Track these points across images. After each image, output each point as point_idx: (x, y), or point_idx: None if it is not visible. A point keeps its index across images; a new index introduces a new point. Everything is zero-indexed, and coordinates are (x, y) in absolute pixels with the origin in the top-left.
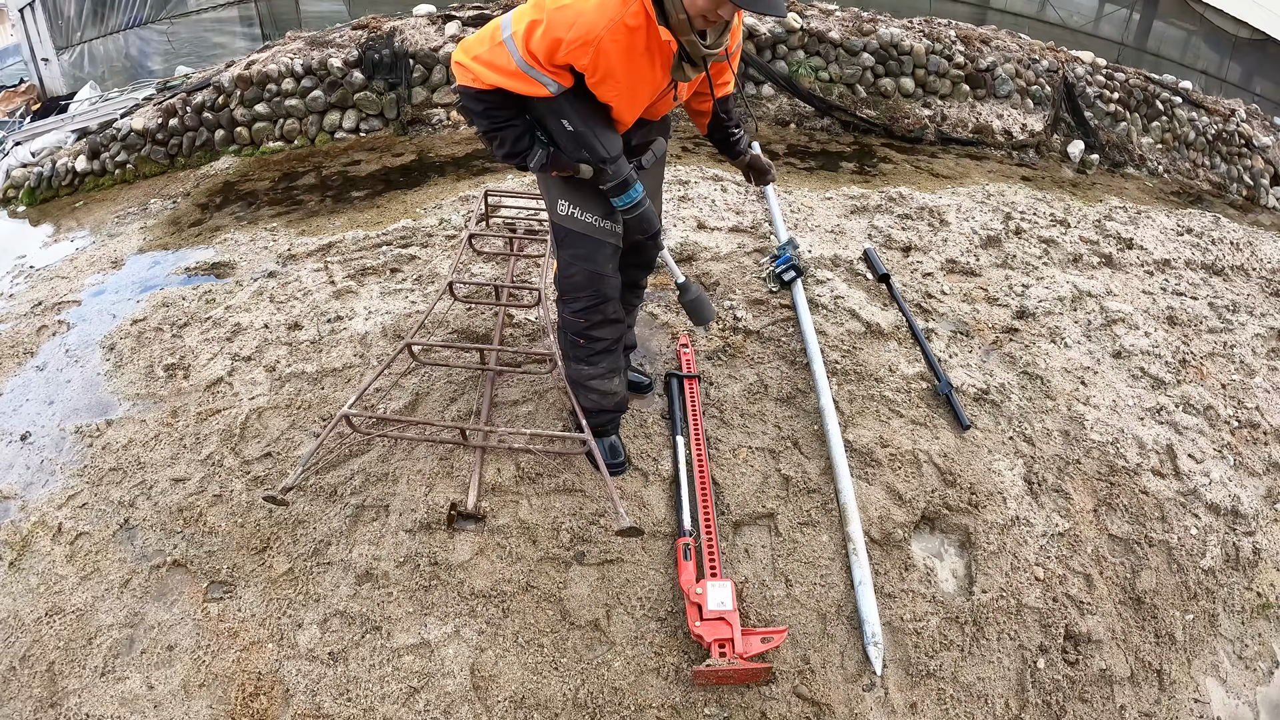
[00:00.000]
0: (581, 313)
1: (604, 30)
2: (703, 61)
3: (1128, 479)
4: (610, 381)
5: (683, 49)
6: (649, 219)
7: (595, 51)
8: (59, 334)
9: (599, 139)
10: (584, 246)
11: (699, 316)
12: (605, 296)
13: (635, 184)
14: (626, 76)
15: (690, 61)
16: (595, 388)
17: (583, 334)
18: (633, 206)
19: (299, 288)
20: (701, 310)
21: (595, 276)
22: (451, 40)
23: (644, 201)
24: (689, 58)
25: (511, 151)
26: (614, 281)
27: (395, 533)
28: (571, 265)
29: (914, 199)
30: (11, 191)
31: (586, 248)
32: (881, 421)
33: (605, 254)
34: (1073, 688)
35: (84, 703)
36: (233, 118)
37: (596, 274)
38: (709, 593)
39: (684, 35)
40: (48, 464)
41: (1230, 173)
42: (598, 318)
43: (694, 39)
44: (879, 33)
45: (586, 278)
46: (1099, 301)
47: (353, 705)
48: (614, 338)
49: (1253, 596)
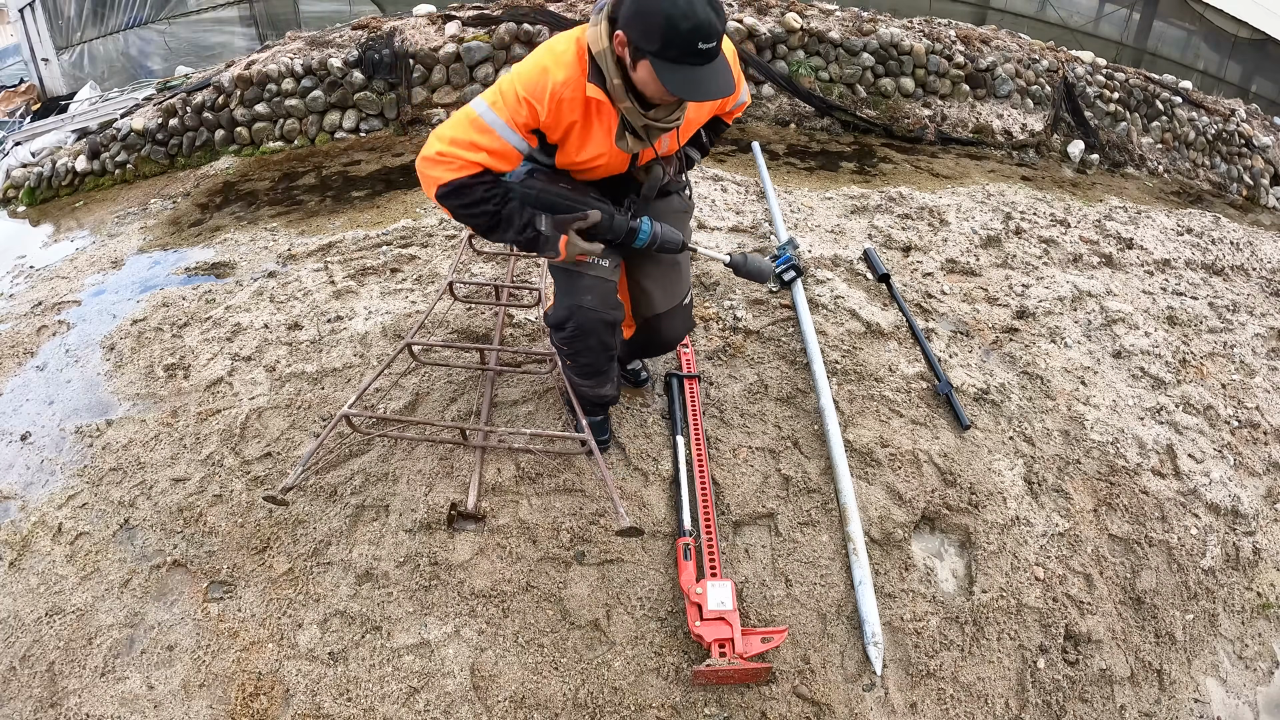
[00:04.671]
0: (564, 340)
1: (560, 85)
2: (644, 131)
3: (1128, 479)
4: (599, 390)
5: (624, 116)
6: (669, 241)
7: (556, 105)
8: (59, 334)
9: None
10: (565, 280)
11: (762, 278)
12: (584, 329)
13: (641, 223)
14: (584, 136)
15: (632, 132)
16: (584, 393)
17: (567, 356)
18: (650, 242)
19: (299, 288)
20: (761, 273)
21: (574, 309)
22: (452, 40)
23: (658, 232)
24: (630, 128)
25: (520, 226)
26: (595, 316)
27: (395, 533)
28: (558, 303)
29: (914, 199)
30: (11, 191)
31: (568, 280)
32: (881, 421)
33: (584, 285)
34: (1073, 688)
35: (84, 703)
36: (233, 118)
37: (576, 305)
38: (709, 593)
39: (620, 103)
40: (48, 464)
41: (1230, 173)
42: (580, 346)
43: (631, 106)
44: (879, 33)
45: (567, 310)
46: (1099, 301)
47: (353, 705)
48: (596, 365)
49: (1253, 596)
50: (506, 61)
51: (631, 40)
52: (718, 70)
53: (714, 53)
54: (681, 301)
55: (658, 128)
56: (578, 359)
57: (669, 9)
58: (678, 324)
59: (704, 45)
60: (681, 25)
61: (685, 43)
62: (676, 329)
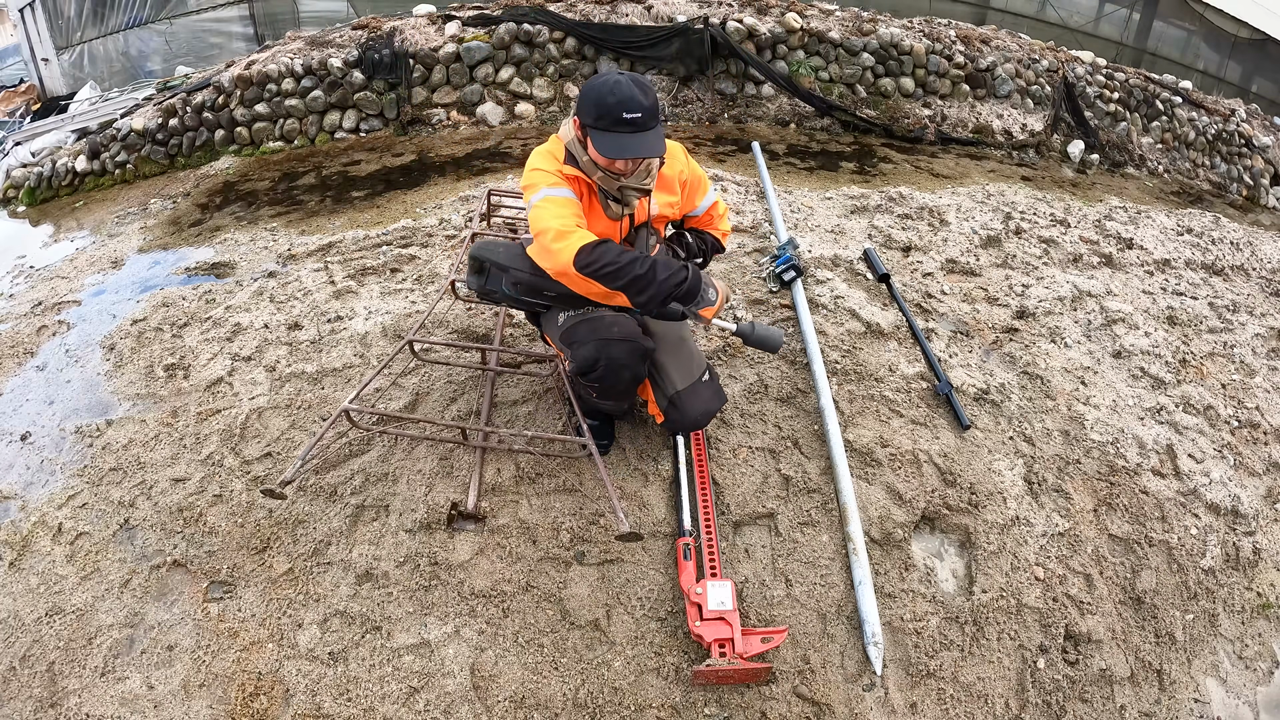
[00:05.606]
0: (596, 381)
1: (557, 165)
2: (620, 194)
3: (1128, 479)
4: (617, 408)
5: (600, 186)
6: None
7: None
8: (59, 334)
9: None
10: (586, 326)
11: (771, 347)
12: (616, 365)
13: None
14: (587, 212)
15: (613, 198)
16: (597, 404)
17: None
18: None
19: (299, 288)
20: (770, 343)
21: (603, 345)
22: (452, 40)
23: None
24: (609, 194)
25: (679, 275)
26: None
27: (395, 533)
28: (581, 347)
29: (914, 199)
30: (11, 191)
31: (588, 325)
32: (881, 421)
33: (607, 321)
34: (1073, 688)
35: (84, 703)
36: (233, 118)
37: (604, 341)
38: (709, 593)
39: (593, 174)
40: (48, 464)
41: (1230, 173)
42: (613, 381)
43: (602, 174)
44: (879, 33)
45: (594, 349)
46: (1099, 301)
47: (353, 705)
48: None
49: (1253, 596)
50: (506, 61)
51: (581, 122)
52: (646, 139)
53: (641, 123)
54: (700, 377)
55: (631, 188)
56: (606, 394)
57: (601, 90)
58: (702, 398)
59: (628, 115)
60: (609, 99)
61: (613, 114)
62: (701, 404)
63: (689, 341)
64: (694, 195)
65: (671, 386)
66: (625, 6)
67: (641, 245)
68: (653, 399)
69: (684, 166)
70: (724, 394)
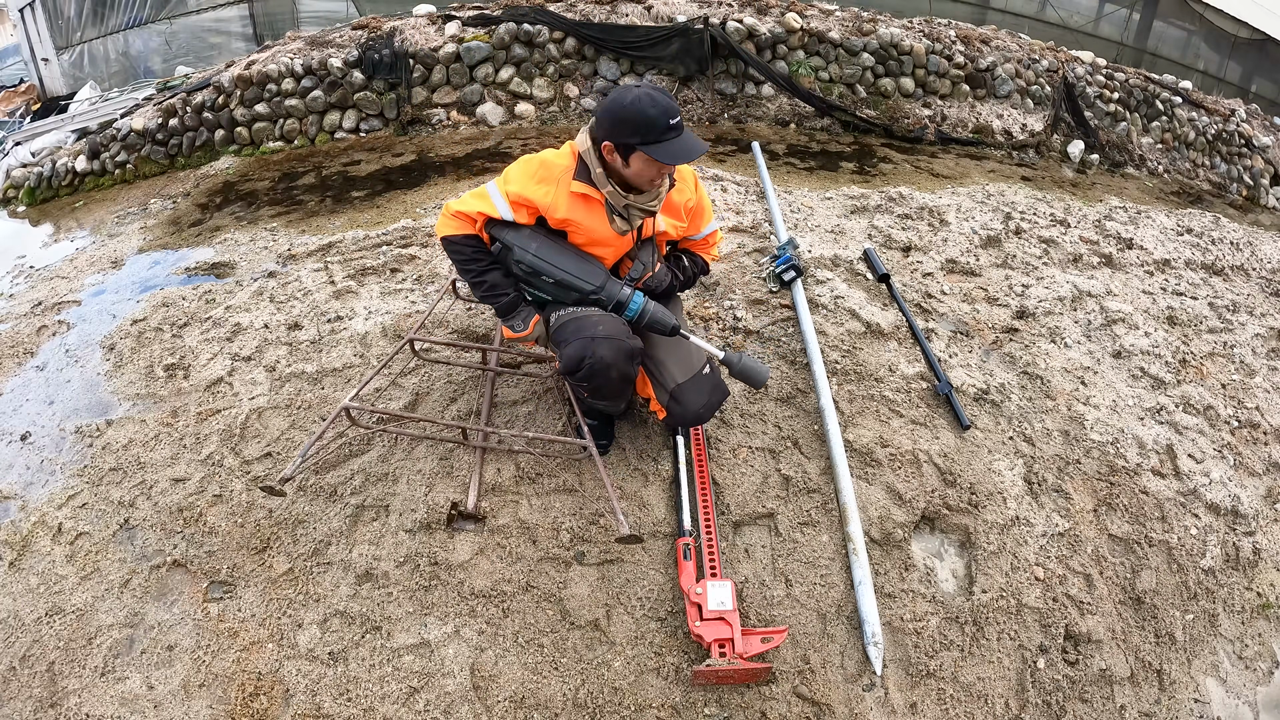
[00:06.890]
0: (583, 379)
1: (555, 167)
2: (626, 212)
3: (1128, 479)
4: (614, 407)
5: (608, 201)
6: (659, 321)
7: (556, 191)
8: (59, 334)
9: (579, 276)
10: (574, 324)
11: (754, 380)
12: (602, 364)
13: (634, 296)
14: (584, 223)
15: (619, 215)
16: (594, 405)
17: (586, 392)
18: (639, 316)
19: (299, 288)
20: (753, 375)
21: (588, 344)
22: (452, 40)
23: (648, 309)
24: (616, 210)
25: (499, 299)
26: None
27: (395, 533)
28: (567, 346)
29: (914, 199)
30: (11, 191)
31: (576, 324)
32: (881, 421)
33: (593, 320)
34: (1073, 688)
35: (84, 703)
36: (233, 118)
37: (590, 339)
38: (709, 593)
39: (603, 188)
40: (48, 464)
41: (1230, 173)
42: (601, 381)
43: (612, 190)
44: (879, 33)
45: (580, 348)
46: (1099, 301)
47: (353, 705)
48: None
49: (1253, 596)
50: (506, 62)
51: (619, 143)
52: (692, 138)
53: (681, 125)
54: (700, 370)
55: (638, 208)
56: (597, 394)
57: (635, 108)
58: (702, 392)
59: (673, 121)
60: (650, 112)
61: (659, 125)
62: (704, 396)
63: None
64: (698, 221)
65: (672, 380)
66: (625, 6)
67: (645, 259)
68: (654, 396)
69: (692, 195)
70: (726, 387)
